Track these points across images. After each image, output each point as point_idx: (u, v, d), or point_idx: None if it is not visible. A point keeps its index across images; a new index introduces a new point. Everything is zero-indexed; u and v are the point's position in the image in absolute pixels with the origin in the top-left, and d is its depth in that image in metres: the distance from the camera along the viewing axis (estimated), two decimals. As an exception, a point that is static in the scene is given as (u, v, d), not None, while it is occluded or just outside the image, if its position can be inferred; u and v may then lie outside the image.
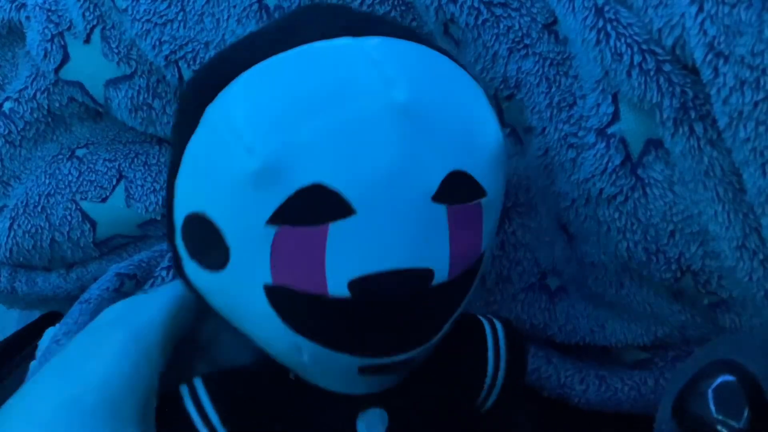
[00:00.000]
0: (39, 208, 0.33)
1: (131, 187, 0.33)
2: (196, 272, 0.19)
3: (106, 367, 0.19)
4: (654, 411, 0.23)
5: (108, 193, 0.33)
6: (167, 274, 0.29)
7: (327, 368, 0.20)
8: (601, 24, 0.24)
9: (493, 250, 0.29)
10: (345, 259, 0.17)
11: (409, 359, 0.19)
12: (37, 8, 0.31)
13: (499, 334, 0.23)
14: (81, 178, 0.33)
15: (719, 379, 0.21)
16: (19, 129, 0.33)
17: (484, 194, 0.19)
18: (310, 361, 0.19)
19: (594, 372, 0.30)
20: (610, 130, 0.25)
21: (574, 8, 0.25)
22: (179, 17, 0.29)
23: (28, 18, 0.32)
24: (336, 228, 0.17)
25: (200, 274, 0.19)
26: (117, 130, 0.34)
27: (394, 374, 0.21)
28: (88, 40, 0.31)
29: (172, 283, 0.22)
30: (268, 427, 0.21)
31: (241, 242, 0.17)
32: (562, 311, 0.30)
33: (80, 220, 0.33)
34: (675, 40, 0.23)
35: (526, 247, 0.29)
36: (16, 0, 0.32)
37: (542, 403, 0.30)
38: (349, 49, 0.18)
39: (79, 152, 0.34)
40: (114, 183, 0.33)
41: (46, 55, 0.31)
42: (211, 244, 0.18)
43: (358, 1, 0.28)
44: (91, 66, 0.31)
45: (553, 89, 0.27)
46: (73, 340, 0.20)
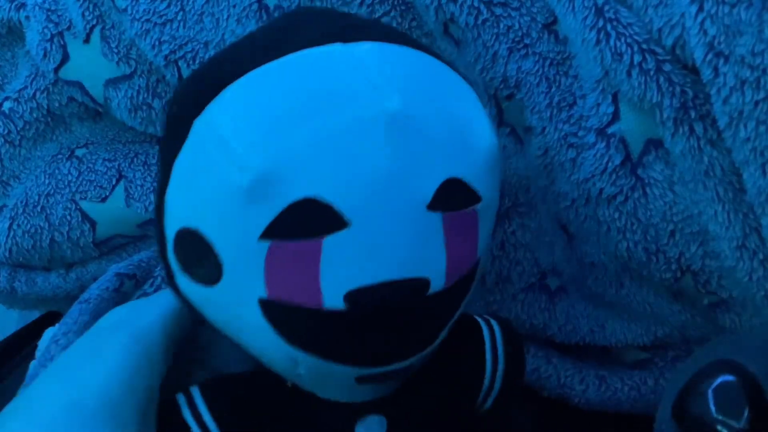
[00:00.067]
0: (38, 208, 0.33)
1: (131, 187, 0.33)
2: (189, 286, 0.19)
3: (108, 370, 0.19)
4: (654, 411, 0.23)
5: (108, 193, 0.33)
6: (167, 275, 0.29)
7: (324, 379, 0.20)
8: (601, 24, 0.24)
9: (493, 251, 0.29)
10: (340, 272, 0.17)
11: (406, 367, 0.19)
12: (37, 8, 0.31)
13: (497, 335, 0.23)
14: (81, 178, 0.33)
15: (719, 379, 0.21)
16: (19, 129, 0.33)
17: (479, 200, 0.19)
18: (306, 372, 0.19)
19: (594, 372, 0.30)
20: (610, 130, 0.25)
21: (574, 8, 0.25)
22: (179, 17, 0.29)
23: (27, 18, 0.32)
24: (330, 241, 0.16)
25: (193, 289, 0.19)
26: (117, 130, 0.34)
27: (392, 382, 0.20)
28: (87, 40, 0.31)
29: None
30: None
31: (234, 257, 0.17)
32: (561, 311, 0.30)
33: (80, 219, 0.33)
34: (675, 39, 0.23)
35: (526, 247, 0.29)
36: (15, 0, 0.32)
37: (542, 403, 0.30)
38: (339, 56, 0.18)
39: (79, 152, 0.34)
40: (114, 183, 0.33)
41: (45, 55, 0.31)
42: (203, 260, 0.18)
43: (358, 0, 0.28)
44: (90, 66, 0.31)
45: (553, 89, 0.27)
46: (74, 344, 0.20)
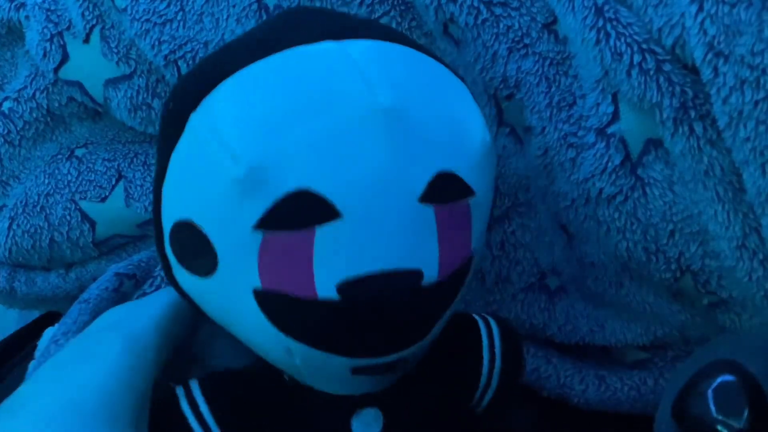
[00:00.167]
0: (38, 208, 0.33)
1: (130, 187, 0.33)
2: (186, 279, 0.19)
3: (103, 369, 0.19)
4: (654, 411, 0.23)
5: (107, 193, 0.33)
6: (166, 275, 0.29)
7: (319, 370, 0.20)
8: (600, 23, 0.24)
9: (493, 251, 0.29)
10: (333, 262, 0.17)
11: (401, 359, 0.19)
12: (37, 8, 0.31)
13: (494, 332, 0.23)
14: (80, 178, 0.33)
15: (719, 379, 0.21)
16: (19, 129, 0.33)
17: (473, 194, 0.19)
18: (302, 363, 0.19)
19: (593, 372, 0.30)
20: (609, 130, 0.25)
21: (573, 8, 0.25)
22: (178, 17, 0.29)
23: (27, 17, 0.32)
24: (323, 231, 0.17)
25: (190, 281, 0.19)
26: (116, 130, 0.34)
27: (388, 374, 0.21)
28: (87, 40, 0.31)
29: (168, 287, 0.22)
30: (263, 429, 0.21)
31: (229, 248, 0.17)
32: (561, 311, 0.30)
33: (79, 219, 0.33)
34: (675, 39, 0.23)
35: (526, 247, 0.29)
36: (15, 0, 0.32)
37: (542, 402, 0.30)
38: (332, 53, 0.18)
39: (79, 152, 0.34)
40: (113, 183, 0.33)
41: (45, 55, 0.31)
42: (199, 251, 0.18)
43: (358, 0, 0.28)
44: (90, 66, 0.31)
45: (553, 89, 0.27)
46: (69, 344, 0.21)
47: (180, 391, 0.20)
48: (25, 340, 0.36)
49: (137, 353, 0.20)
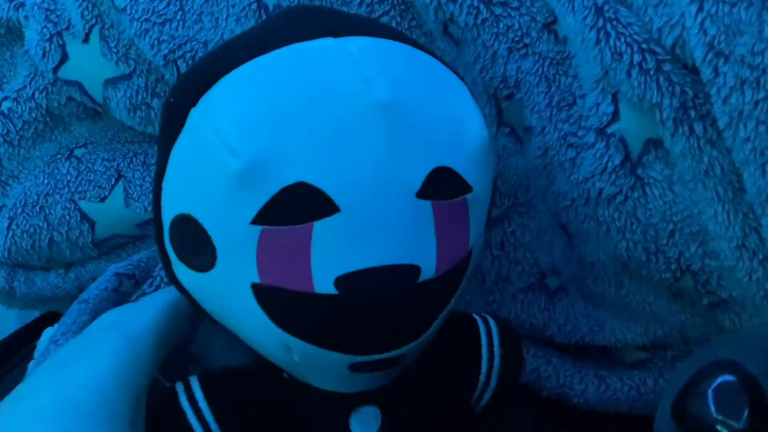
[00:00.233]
0: (37, 208, 0.33)
1: (130, 187, 0.33)
2: (185, 274, 0.19)
3: (100, 368, 0.19)
4: (653, 411, 0.23)
5: (107, 193, 0.33)
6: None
7: (317, 367, 0.20)
8: (600, 23, 0.24)
9: (493, 251, 0.29)
10: (330, 257, 0.17)
11: (399, 356, 0.19)
12: (36, 7, 0.31)
13: (493, 332, 0.23)
14: (80, 178, 0.33)
15: (719, 379, 0.21)
16: (18, 128, 0.33)
17: (470, 190, 0.19)
18: (300, 359, 0.19)
19: (593, 372, 0.30)
20: (609, 130, 0.25)
21: (573, 7, 0.25)
22: (178, 16, 0.29)
23: (26, 17, 0.32)
24: (320, 226, 0.17)
25: (189, 276, 0.19)
26: (116, 130, 0.34)
27: (387, 371, 0.21)
28: (86, 40, 0.31)
29: (167, 288, 0.22)
30: (261, 425, 0.21)
31: (227, 242, 0.18)
32: (561, 311, 0.30)
33: (79, 219, 0.33)
34: (675, 39, 0.23)
35: (526, 247, 0.29)
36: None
37: (541, 402, 0.30)
38: (330, 49, 0.18)
39: (78, 152, 0.33)
40: (113, 183, 0.33)
41: (44, 55, 0.31)
42: (198, 245, 0.18)
43: (358, 0, 0.28)
44: (89, 65, 0.31)
45: (553, 89, 0.27)
46: (67, 344, 0.21)
47: (179, 388, 0.21)
48: (25, 340, 0.36)
49: (134, 352, 0.20)
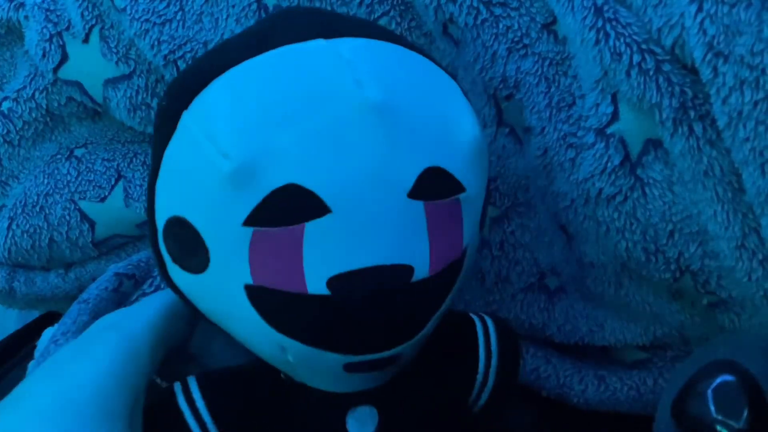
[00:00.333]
0: (37, 208, 0.33)
1: (130, 187, 0.33)
2: (180, 276, 0.19)
3: (99, 367, 0.19)
4: (653, 411, 0.23)
5: (107, 193, 0.33)
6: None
7: (312, 367, 0.20)
8: (600, 24, 0.24)
9: (492, 251, 0.29)
10: (323, 258, 0.17)
11: (394, 356, 0.19)
12: (36, 8, 0.31)
13: (491, 332, 0.23)
14: (80, 178, 0.33)
15: (719, 379, 0.21)
16: (18, 129, 0.33)
17: (463, 189, 0.19)
18: (295, 360, 0.19)
19: (593, 372, 0.30)
20: (609, 130, 0.25)
21: (573, 8, 0.25)
22: (178, 17, 0.29)
23: (26, 17, 0.32)
24: (312, 227, 0.17)
25: (183, 278, 0.19)
26: (115, 130, 0.34)
27: (382, 371, 0.21)
28: (86, 40, 0.31)
29: (167, 289, 0.22)
30: (259, 425, 0.21)
31: (220, 244, 0.18)
32: (561, 311, 0.30)
33: (79, 219, 0.33)
34: (674, 39, 0.23)
35: (525, 247, 0.29)
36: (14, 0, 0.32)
37: (541, 402, 0.30)
38: (322, 50, 0.18)
39: (78, 152, 0.33)
40: (113, 183, 0.33)
41: (44, 55, 0.31)
42: (191, 247, 0.18)
43: (357, 1, 0.28)
44: (89, 65, 0.31)
45: (553, 89, 0.27)
46: (66, 345, 0.21)
47: (177, 388, 0.21)
48: (25, 341, 0.36)
49: (133, 352, 0.20)
